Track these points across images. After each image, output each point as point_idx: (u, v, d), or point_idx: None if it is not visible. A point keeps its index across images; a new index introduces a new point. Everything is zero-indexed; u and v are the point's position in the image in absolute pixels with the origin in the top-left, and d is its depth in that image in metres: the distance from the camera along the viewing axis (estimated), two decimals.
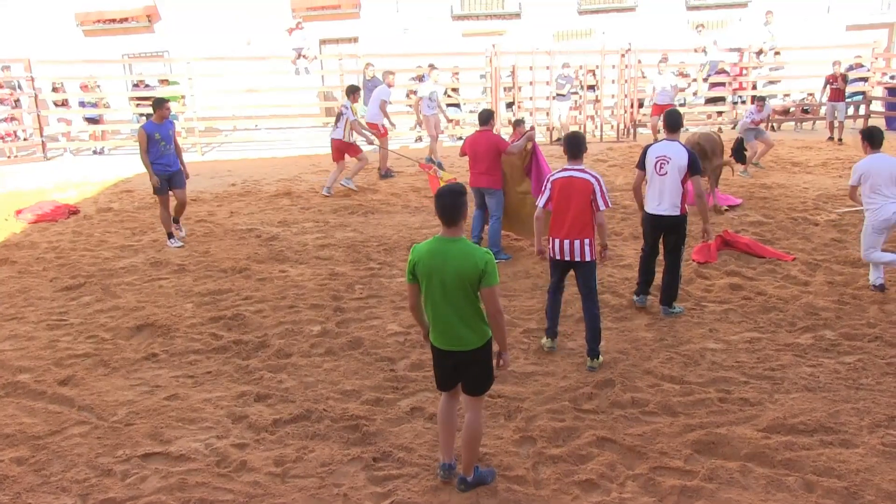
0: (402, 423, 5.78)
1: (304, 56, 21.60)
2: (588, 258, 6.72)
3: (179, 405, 6.13)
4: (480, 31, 25.11)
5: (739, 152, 14.49)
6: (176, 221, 11.22)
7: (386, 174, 15.78)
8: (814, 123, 21.90)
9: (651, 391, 6.15)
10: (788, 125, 22.07)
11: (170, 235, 10.95)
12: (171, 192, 10.87)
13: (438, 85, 18.18)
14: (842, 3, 24.66)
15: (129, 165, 17.81)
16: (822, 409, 5.76)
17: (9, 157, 19.63)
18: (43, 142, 19.85)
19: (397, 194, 13.98)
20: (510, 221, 10.33)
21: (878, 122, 21.21)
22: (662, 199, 7.56)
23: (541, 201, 6.91)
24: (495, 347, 4.80)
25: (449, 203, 4.58)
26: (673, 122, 7.71)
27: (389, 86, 16.47)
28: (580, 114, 20.69)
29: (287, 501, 4.85)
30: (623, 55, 20.47)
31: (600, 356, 6.75)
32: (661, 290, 7.88)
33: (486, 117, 10.17)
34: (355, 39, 25.05)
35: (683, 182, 7.56)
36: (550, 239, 6.85)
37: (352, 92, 14.56)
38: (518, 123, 12.07)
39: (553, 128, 20.26)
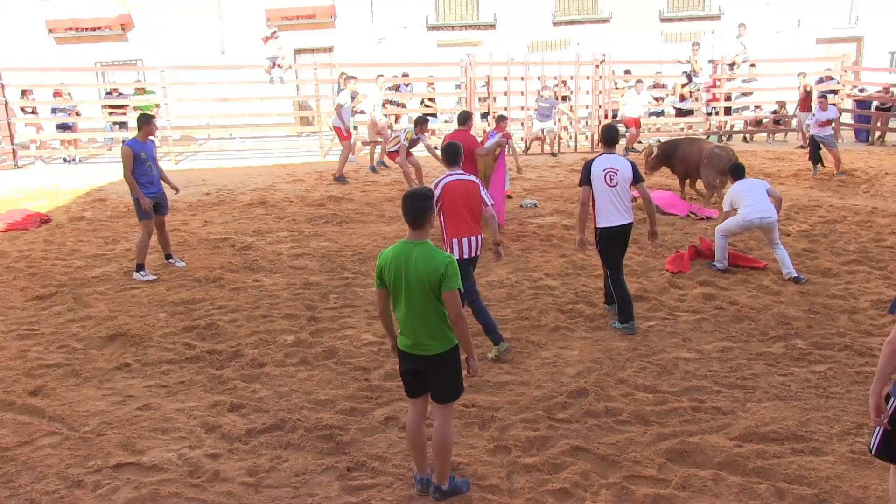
0: (377, 432, 5.77)
1: (278, 65, 21.56)
2: (478, 252, 7.17)
3: (152, 415, 6.07)
4: (455, 41, 25.20)
5: (814, 154, 16.09)
6: (169, 257, 10.25)
7: (340, 178, 16.21)
8: (786, 134, 22.16)
9: (625, 400, 6.18)
10: (761, 136, 22.32)
11: (140, 267, 9.78)
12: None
13: (382, 91, 18.78)
14: (812, 17, 25.00)
15: (102, 174, 17.68)
16: (793, 417, 5.82)
17: None
18: (13, 150, 19.63)
19: (372, 204, 13.98)
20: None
21: (847, 133, 21.52)
22: (618, 209, 7.63)
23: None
24: (464, 356, 4.82)
25: (415, 206, 4.62)
26: (610, 136, 7.90)
27: (352, 92, 17.32)
28: (555, 124, 20.77)
29: None
30: (597, 66, 20.59)
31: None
32: (607, 292, 8.05)
33: (464, 118, 10.97)
34: (330, 49, 25.05)
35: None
36: (458, 240, 6.97)
37: (419, 123, 14.95)
38: (501, 119, 12.97)
39: (533, 140, 20.14)
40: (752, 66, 22.53)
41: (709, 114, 21.81)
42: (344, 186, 15.68)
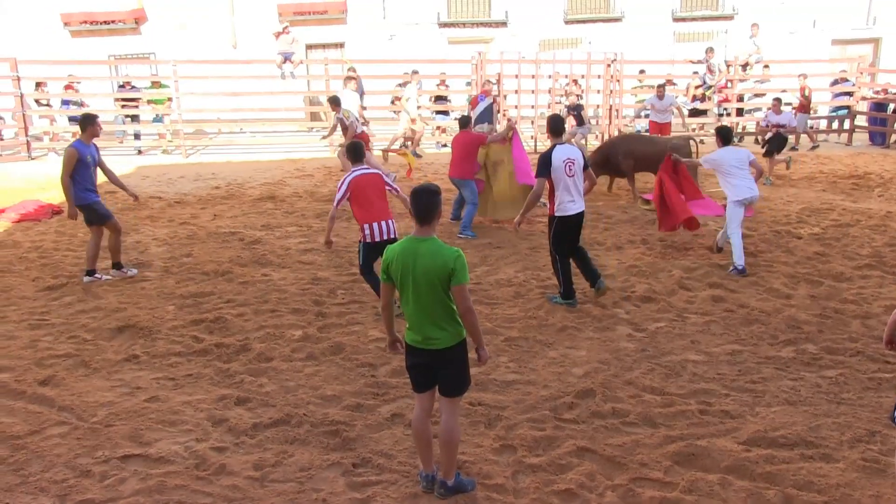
0: (383, 429, 5.76)
1: (290, 60, 21.58)
2: (392, 235, 7.83)
3: (159, 407, 6.08)
4: (467, 38, 25.18)
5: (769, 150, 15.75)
6: (119, 267, 9.56)
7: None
8: (798, 138, 22.04)
9: (632, 402, 6.15)
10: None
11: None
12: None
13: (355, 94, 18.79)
14: (827, 18, 24.85)
15: (113, 166, 17.64)
16: (803, 422, 5.77)
17: None
18: (27, 141, 19.73)
19: None
20: (498, 209, 12.13)
21: (862, 136, 21.42)
22: (577, 197, 8.20)
23: (342, 202, 7.87)
24: (472, 354, 4.80)
25: (424, 202, 4.64)
26: (556, 126, 8.40)
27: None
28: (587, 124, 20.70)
29: None
30: (609, 65, 20.53)
31: None
32: (591, 272, 8.49)
33: (465, 122, 12.35)
34: (342, 45, 25.06)
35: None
36: (371, 225, 7.79)
37: (332, 103, 15.70)
38: (484, 84, 13.89)
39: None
40: (766, 66, 22.42)
41: (720, 115, 21.73)
42: None
